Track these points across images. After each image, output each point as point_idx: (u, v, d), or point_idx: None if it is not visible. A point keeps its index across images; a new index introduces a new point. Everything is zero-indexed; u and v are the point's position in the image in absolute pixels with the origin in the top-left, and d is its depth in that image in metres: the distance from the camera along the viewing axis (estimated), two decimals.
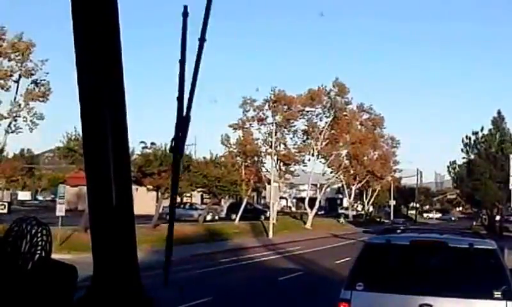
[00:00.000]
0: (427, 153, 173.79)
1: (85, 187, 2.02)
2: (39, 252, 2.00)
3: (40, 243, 2.02)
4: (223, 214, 58.40)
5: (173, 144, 2.08)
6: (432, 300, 7.16)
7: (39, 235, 2.03)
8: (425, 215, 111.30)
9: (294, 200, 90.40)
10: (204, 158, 45.41)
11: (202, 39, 2.11)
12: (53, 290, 2.00)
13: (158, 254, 29.66)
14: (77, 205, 62.33)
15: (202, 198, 59.99)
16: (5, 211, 30.19)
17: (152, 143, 37.80)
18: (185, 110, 2.08)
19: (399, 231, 20.78)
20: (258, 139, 55.58)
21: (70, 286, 2.06)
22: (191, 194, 56.88)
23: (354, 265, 8.04)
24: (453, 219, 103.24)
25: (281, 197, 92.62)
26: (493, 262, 7.62)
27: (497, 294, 6.99)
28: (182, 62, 2.06)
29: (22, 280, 1.94)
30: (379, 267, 8.17)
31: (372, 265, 8.16)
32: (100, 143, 1.89)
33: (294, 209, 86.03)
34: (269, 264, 28.82)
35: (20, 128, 31.93)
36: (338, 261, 29.19)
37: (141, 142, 37.44)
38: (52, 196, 64.22)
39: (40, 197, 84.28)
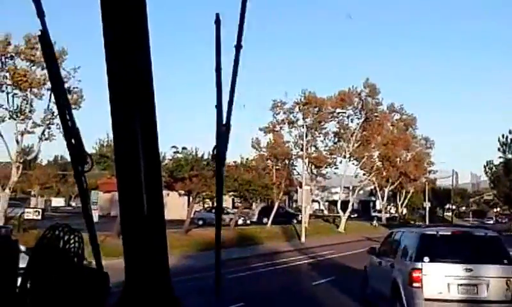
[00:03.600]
0: (462, 154, 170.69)
1: (117, 193, 2.01)
2: (72, 258, 2.02)
3: (72, 249, 2.04)
4: (255, 218, 58.22)
5: (215, 152, 2.08)
6: (471, 266, 12.38)
7: (72, 241, 2.04)
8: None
9: (326, 203, 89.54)
10: (235, 162, 45.25)
11: (239, 46, 2.10)
12: (86, 296, 2.01)
13: (189, 260, 29.68)
14: (110, 211, 62.75)
15: (233, 202, 59.87)
16: (39, 217, 30.41)
17: (183, 148, 37.84)
18: (225, 118, 2.07)
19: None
20: (289, 141, 55.34)
21: (103, 292, 2.07)
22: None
23: (418, 247, 12.87)
24: (490, 222, 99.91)
25: (313, 201, 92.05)
26: (499, 244, 13.30)
27: (505, 261, 12.58)
28: (218, 70, 2.06)
29: (55, 287, 1.95)
30: (435, 247, 12.84)
31: (430, 246, 12.85)
32: (131, 149, 1.91)
33: (326, 212, 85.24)
34: (301, 268, 28.50)
35: (54, 136, 32.19)
36: None
37: (172, 146, 37.54)
38: None
39: (74, 204, 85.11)
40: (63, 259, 2.01)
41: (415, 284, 12.28)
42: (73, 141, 2.04)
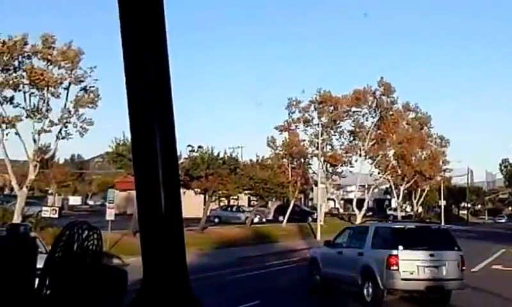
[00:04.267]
0: (478, 152, 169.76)
1: (134, 192, 2.10)
2: (90, 256, 2.02)
3: (90, 247, 2.04)
4: (270, 216, 58.34)
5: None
6: (433, 252, 15.72)
7: (90, 239, 2.04)
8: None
9: (342, 201, 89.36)
10: (251, 160, 45.46)
11: None
12: (104, 294, 2.01)
13: (205, 258, 29.87)
14: (126, 209, 63.00)
15: (249, 201, 60.03)
16: (56, 215, 30.60)
17: (199, 147, 38.07)
18: None
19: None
20: (305, 140, 55.35)
21: (121, 290, 2.07)
22: (238, 197, 57.12)
23: (392, 238, 16.27)
24: (501, 220, 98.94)
25: (328, 199, 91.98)
26: (450, 235, 17.41)
27: (456, 248, 16.23)
28: None
29: (73, 284, 1.96)
30: (405, 238, 15.99)
31: (402, 237, 16.10)
32: (148, 147, 1.89)
33: (341, 211, 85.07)
34: None
35: (70, 134, 32.46)
36: None
37: (188, 145, 37.74)
38: (102, 201, 65.10)
39: (91, 202, 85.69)
40: (81, 257, 2.00)
41: (392, 268, 15.27)
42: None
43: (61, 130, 32.07)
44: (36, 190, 76.29)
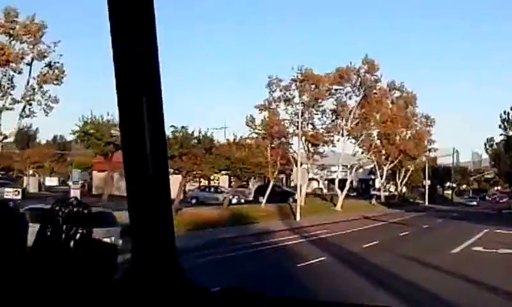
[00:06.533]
0: (463, 132, 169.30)
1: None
2: (80, 231, 2.02)
3: (80, 222, 2.05)
4: (251, 197, 57.22)
5: None
6: None
7: (79, 214, 2.05)
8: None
9: (326, 182, 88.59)
10: (227, 140, 44.09)
11: None
12: (94, 267, 2.02)
13: (179, 241, 28.79)
14: (104, 190, 61.72)
15: (230, 181, 58.82)
16: (19, 197, 29.48)
17: (171, 126, 36.67)
18: None
19: None
20: (285, 119, 53.93)
21: (111, 265, 2.08)
22: (218, 178, 55.81)
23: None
24: (472, 203, 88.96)
25: (312, 179, 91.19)
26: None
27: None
28: None
29: (63, 259, 1.98)
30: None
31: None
32: (137, 128, 1.93)
33: (325, 191, 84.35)
34: (292, 249, 27.39)
35: (35, 113, 31.10)
36: (366, 245, 27.77)
37: (171, 126, 36.55)
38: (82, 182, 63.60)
39: (70, 183, 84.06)
40: (70, 232, 2.01)
41: None
42: None
43: (24, 108, 30.69)
44: (17, 171, 75.00)
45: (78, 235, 2.02)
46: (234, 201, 48.48)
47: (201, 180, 52.75)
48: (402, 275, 18.63)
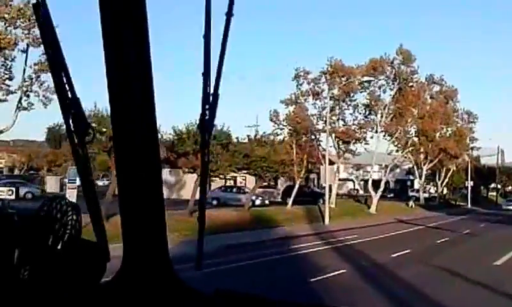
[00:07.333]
0: (509, 130, 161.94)
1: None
2: (69, 231, 1.98)
3: (70, 222, 2.00)
4: (279, 198, 54.01)
5: (200, 121, 2.08)
6: None
7: (69, 214, 2.01)
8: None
9: (362, 182, 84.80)
10: (248, 136, 40.74)
11: (229, 14, 2.08)
12: (82, 269, 1.98)
13: (187, 246, 25.72)
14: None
15: (256, 181, 55.69)
16: (12, 197, 27.64)
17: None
18: (213, 87, 2.06)
19: None
20: (314, 115, 50.33)
21: (101, 266, 2.04)
22: (245, 177, 52.67)
23: None
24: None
25: (347, 179, 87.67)
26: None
27: None
28: (207, 37, 2.02)
29: (52, 259, 1.92)
30: None
31: None
32: (127, 120, 1.93)
33: (362, 192, 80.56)
34: (311, 258, 24.03)
35: (32, 105, 28.56)
36: (395, 255, 24.21)
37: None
38: (106, 181, 61.27)
39: (99, 183, 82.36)
40: (59, 231, 1.96)
41: None
42: (72, 111, 1.97)
43: (20, 99, 28.11)
44: (43, 170, 73.71)
45: (67, 235, 1.96)
46: (258, 202, 45.31)
47: (226, 179, 49.76)
48: (434, 294, 15.21)
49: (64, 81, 1.91)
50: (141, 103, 1.89)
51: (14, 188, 30.06)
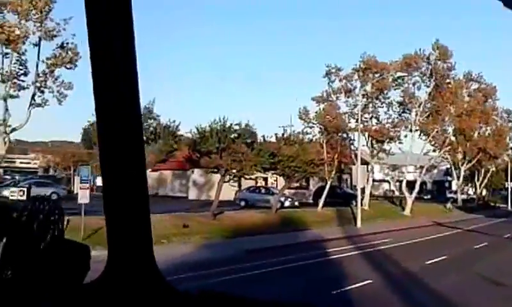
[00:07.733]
0: None
1: (165, 172, 17.95)
2: (51, 231, 1.96)
3: (53, 222, 1.98)
4: (310, 199, 52.20)
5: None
6: None
7: (52, 214, 1.99)
8: None
9: (398, 183, 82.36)
10: (276, 134, 39.01)
11: None
12: (65, 269, 1.96)
13: (208, 250, 24.35)
14: (158, 191, 58.54)
15: (285, 182, 53.98)
16: (24, 198, 26.69)
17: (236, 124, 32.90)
18: None
19: None
20: (346, 113, 48.31)
21: (83, 266, 2.02)
22: (276, 178, 50.98)
23: None
24: None
25: (383, 181, 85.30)
26: None
27: None
28: None
29: (34, 259, 1.90)
30: None
31: None
32: (112, 117, 1.92)
33: (397, 193, 78.17)
34: (337, 265, 22.32)
35: (47, 101, 27.49)
36: (430, 261, 22.36)
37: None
38: None
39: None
40: (43, 230, 1.94)
41: None
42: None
43: (34, 95, 27.03)
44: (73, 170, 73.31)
45: (49, 235, 1.94)
46: (287, 204, 43.59)
47: (257, 181, 48.26)
48: None
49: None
50: (127, 102, 1.88)
51: (25, 189, 29.06)
